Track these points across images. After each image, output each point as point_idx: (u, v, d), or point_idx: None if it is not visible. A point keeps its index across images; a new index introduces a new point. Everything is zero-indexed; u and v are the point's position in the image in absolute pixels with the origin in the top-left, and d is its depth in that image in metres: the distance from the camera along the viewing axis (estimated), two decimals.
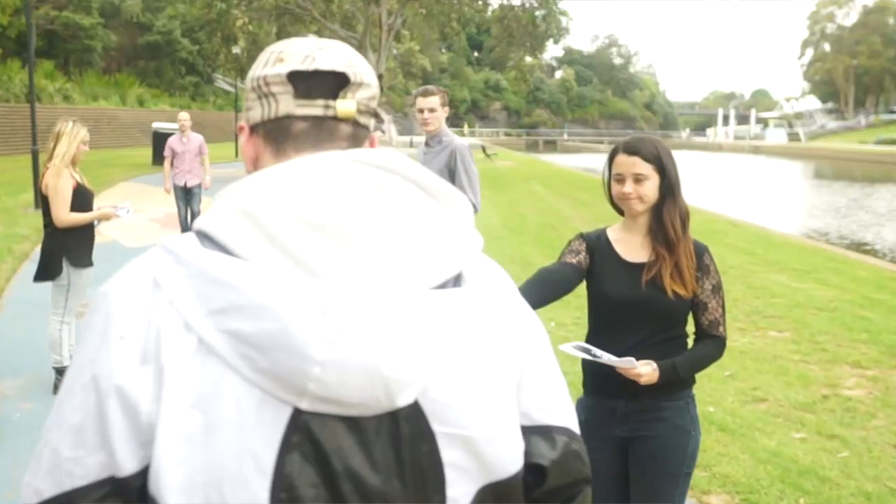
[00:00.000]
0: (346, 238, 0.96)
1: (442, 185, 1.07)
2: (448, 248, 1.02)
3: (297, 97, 1.10)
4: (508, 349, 1.09)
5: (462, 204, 1.09)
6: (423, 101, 5.27)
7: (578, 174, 37.78)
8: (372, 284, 0.94)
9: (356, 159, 1.03)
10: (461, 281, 1.05)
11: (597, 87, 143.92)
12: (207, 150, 12.58)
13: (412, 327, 0.94)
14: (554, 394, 1.16)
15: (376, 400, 0.93)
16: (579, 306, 8.84)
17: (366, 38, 26.57)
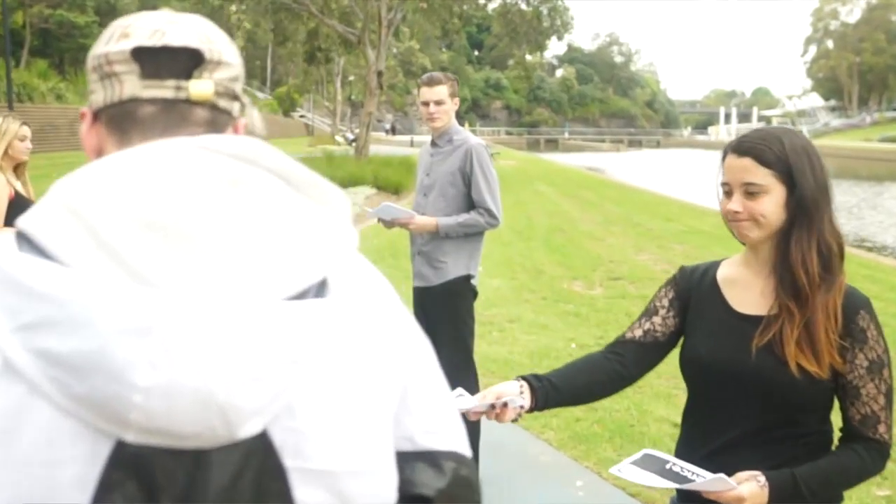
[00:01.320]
0: (187, 240, 0.83)
1: (313, 179, 0.94)
2: (311, 250, 0.89)
3: (144, 77, 0.96)
4: (382, 367, 0.95)
5: (337, 199, 0.96)
6: (428, 91, 4.40)
7: (583, 173, 37.04)
8: (210, 296, 0.81)
9: (207, 147, 0.90)
10: (325, 289, 0.91)
11: (598, 85, 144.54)
12: None
13: (256, 346, 0.81)
14: (441, 415, 1.04)
15: (212, 431, 0.80)
16: (601, 322, 8.07)
17: (365, 34, 25.70)
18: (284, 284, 0.86)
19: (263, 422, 0.84)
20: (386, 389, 0.96)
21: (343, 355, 0.91)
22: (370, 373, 0.94)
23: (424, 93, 4.41)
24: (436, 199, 4.44)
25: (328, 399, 0.89)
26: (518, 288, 9.77)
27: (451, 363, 4.46)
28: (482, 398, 2.01)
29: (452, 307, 4.48)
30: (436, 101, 4.37)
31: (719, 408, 2.01)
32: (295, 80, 64.94)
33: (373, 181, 20.85)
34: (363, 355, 0.94)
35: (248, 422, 0.82)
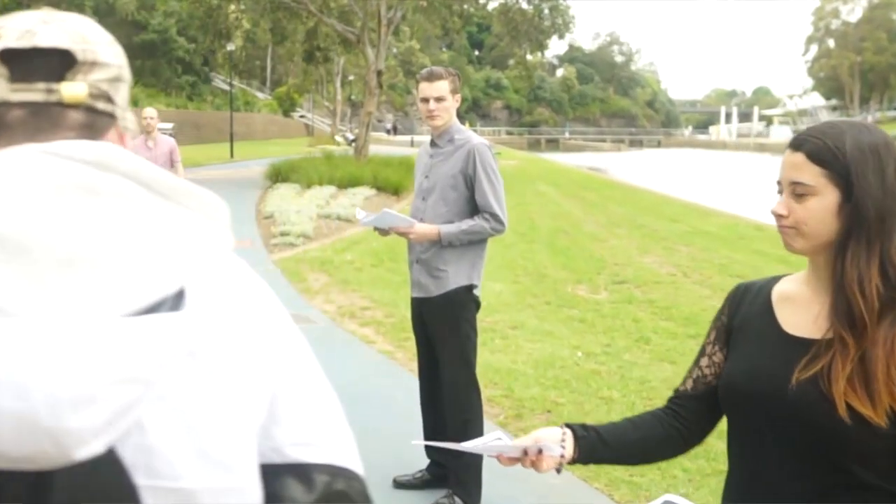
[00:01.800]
0: (27, 254, 0.80)
1: (177, 183, 0.90)
2: (167, 260, 0.85)
3: (13, 81, 0.92)
4: (244, 378, 0.91)
5: (206, 202, 0.92)
6: (427, 87, 4.07)
7: (585, 174, 36.75)
8: (39, 315, 0.78)
9: (56, 153, 0.85)
10: (181, 301, 0.87)
11: (598, 85, 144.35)
12: (180, 157, 9.80)
13: (87, 366, 0.77)
14: (316, 426, 0.99)
15: (45, 454, 0.77)
16: (608, 329, 7.78)
17: (364, 33, 25.39)
18: (131, 298, 0.82)
19: (106, 442, 0.80)
20: (249, 401, 0.92)
21: (198, 369, 0.87)
22: (230, 385, 0.90)
23: (424, 88, 4.10)
24: (436, 204, 4.12)
25: (183, 415, 0.85)
26: (521, 292, 9.48)
27: (453, 381, 4.18)
28: (518, 443, 1.76)
29: (453, 320, 4.15)
30: (436, 97, 4.07)
31: (758, 445, 1.70)
32: (294, 80, 64.66)
33: (372, 182, 20.54)
34: (221, 367, 0.89)
35: (87, 443, 0.78)
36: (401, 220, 4.14)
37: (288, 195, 18.36)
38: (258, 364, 0.94)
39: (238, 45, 36.42)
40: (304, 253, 11.99)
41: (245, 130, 57.68)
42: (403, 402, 5.55)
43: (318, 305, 8.62)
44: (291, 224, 13.80)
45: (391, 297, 8.91)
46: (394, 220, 4.15)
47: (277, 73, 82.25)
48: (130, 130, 1.03)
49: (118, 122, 1.00)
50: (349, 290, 9.36)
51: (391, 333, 7.46)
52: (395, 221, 4.15)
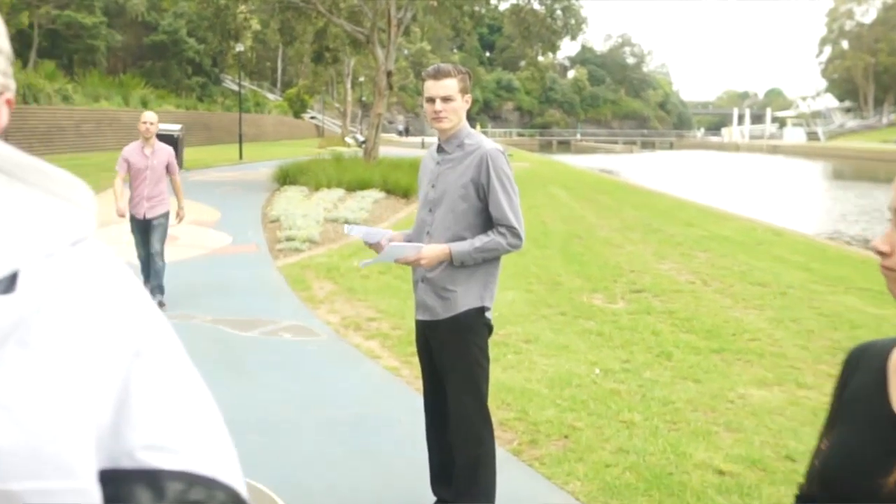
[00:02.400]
0: None
1: (27, 161, 0.85)
2: (1, 241, 0.80)
3: None
4: (86, 372, 0.83)
5: (63, 183, 0.87)
6: (433, 85, 3.66)
7: (598, 176, 36.32)
8: None
9: None
10: (13, 286, 0.80)
11: (610, 86, 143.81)
12: (178, 169, 9.02)
13: None
14: (176, 428, 0.88)
15: None
16: (626, 343, 7.36)
17: (374, 33, 25.01)
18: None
19: None
20: (87, 397, 0.82)
21: (29, 360, 0.79)
22: (62, 379, 0.81)
23: (429, 87, 3.70)
24: (444, 216, 3.72)
25: (9, 410, 0.78)
26: (535, 302, 9.06)
27: (462, 414, 3.78)
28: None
29: (463, 346, 3.73)
30: (443, 96, 3.66)
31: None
32: (305, 82, 64.46)
33: (381, 184, 20.14)
34: (57, 359, 0.81)
35: None
36: (408, 250, 3.70)
37: (295, 198, 17.99)
38: (104, 356, 0.84)
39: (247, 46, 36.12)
40: (309, 259, 11.60)
41: (255, 132, 57.45)
42: (408, 424, 5.16)
43: (321, 316, 8.23)
44: (297, 228, 13.43)
45: (398, 307, 8.52)
46: (400, 252, 3.71)
47: (288, 74, 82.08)
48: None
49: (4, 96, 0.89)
50: (355, 299, 8.97)
51: (397, 347, 7.07)
52: (402, 252, 3.70)
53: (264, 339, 7.35)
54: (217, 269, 10.83)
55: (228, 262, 11.35)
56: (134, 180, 8.57)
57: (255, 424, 5.26)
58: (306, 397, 5.87)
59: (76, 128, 38.80)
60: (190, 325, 7.73)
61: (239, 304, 8.72)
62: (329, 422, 5.41)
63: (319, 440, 5.13)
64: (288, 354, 6.89)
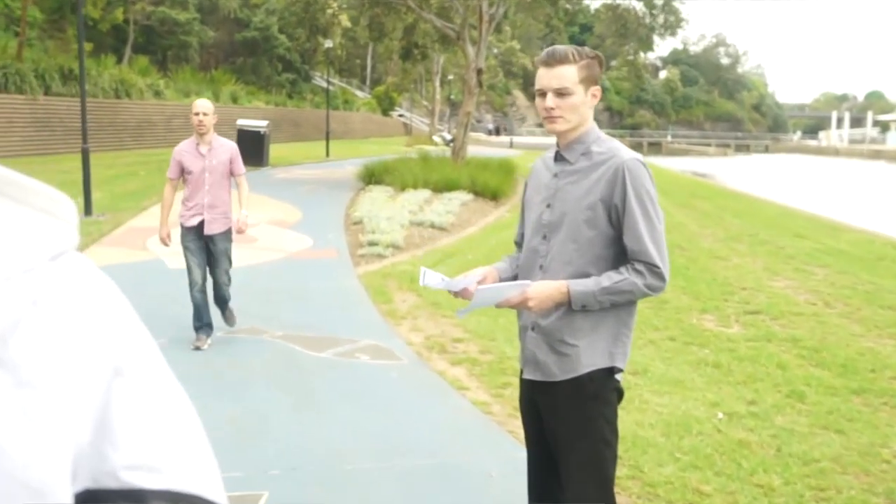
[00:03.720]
0: None
1: (12, 176, 0.80)
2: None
3: None
4: (61, 394, 0.80)
5: (49, 199, 0.82)
6: (545, 74, 2.83)
7: (695, 180, 34.94)
8: None
9: None
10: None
11: (703, 87, 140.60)
12: (244, 169, 7.22)
13: None
14: (159, 446, 0.86)
15: None
16: (749, 378, 6.37)
17: (464, 29, 24.20)
18: None
19: None
20: (65, 417, 0.80)
21: (5, 383, 0.76)
22: (39, 400, 0.78)
23: (541, 76, 2.83)
24: (562, 246, 2.85)
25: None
26: (639, 323, 8.11)
27: (581, 496, 2.93)
28: None
29: (585, 418, 2.85)
30: (557, 88, 2.80)
31: None
32: (393, 79, 64.23)
33: (469, 186, 19.33)
34: (31, 380, 0.77)
35: None
36: (509, 291, 2.83)
37: (379, 199, 17.31)
38: (83, 375, 0.81)
39: (336, 43, 35.78)
40: (392, 266, 10.85)
41: (343, 129, 57.39)
42: (502, 481, 4.36)
43: (403, 334, 7.46)
44: (381, 232, 12.70)
45: (488, 326, 7.70)
46: (498, 294, 2.85)
47: (377, 71, 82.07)
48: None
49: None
50: (440, 315, 8.17)
51: (487, 377, 6.24)
52: (501, 295, 2.85)
53: (339, 361, 6.60)
54: (294, 276, 10.17)
55: (307, 269, 10.67)
56: (189, 186, 6.97)
57: (323, 473, 4.50)
58: (384, 439, 5.07)
59: (166, 123, 39.07)
60: (259, 342, 7.05)
61: (314, 317, 8.00)
62: (409, 473, 4.60)
63: (396, 497, 4.34)
64: (364, 382, 6.13)
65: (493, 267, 3.12)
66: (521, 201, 3.19)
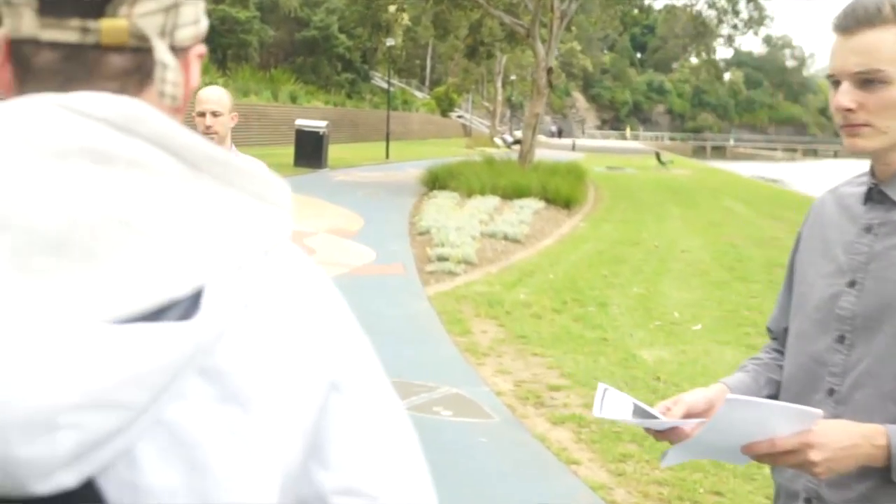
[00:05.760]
0: (7, 233, 0.65)
1: (219, 154, 0.74)
2: (186, 252, 0.69)
3: (42, 14, 0.74)
4: (276, 410, 0.74)
5: (256, 179, 0.76)
6: (843, 46, 1.57)
7: (773, 187, 33.19)
8: (11, 310, 0.63)
9: (72, 108, 0.69)
10: (196, 306, 0.69)
11: (767, 90, 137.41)
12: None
13: (55, 384, 0.62)
14: (373, 471, 0.81)
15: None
16: None
17: (535, 26, 22.93)
18: (130, 298, 0.66)
19: (80, 475, 0.65)
20: (276, 437, 0.74)
21: (211, 395, 0.70)
22: (249, 417, 0.72)
23: (838, 51, 1.60)
24: (881, 361, 1.55)
25: (187, 451, 0.70)
26: None
27: None
28: None
29: None
30: (861, 71, 1.58)
31: None
32: (454, 80, 63.22)
33: (540, 192, 18.06)
34: (242, 395, 0.72)
35: (48, 476, 0.64)
36: (773, 423, 1.50)
37: (446, 206, 16.09)
38: (298, 391, 0.76)
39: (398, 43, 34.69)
40: (465, 286, 9.63)
41: (402, 130, 56.49)
42: None
43: (488, 378, 6.24)
44: (451, 245, 11.47)
45: (588, 366, 6.48)
46: (749, 430, 1.52)
47: (437, 72, 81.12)
48: (167, 84, 0.76)
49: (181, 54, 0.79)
50: (528, 352, 6.94)
51: (600, 444, 5.00)
52: (758, 429, 1.51)
53: (415, 416, 5.41)
54: (357, 297, 8.94)
55: (371, 288, 9.48)
56: None
57: None
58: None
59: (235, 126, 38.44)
60: None
61: (382, 353, 6.77)
62: None
63: None
64: (446, 448, 4.88)
65: (720, 385, 1.85)
66: (789, 262, 1.94)
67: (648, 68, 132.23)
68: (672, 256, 12.55)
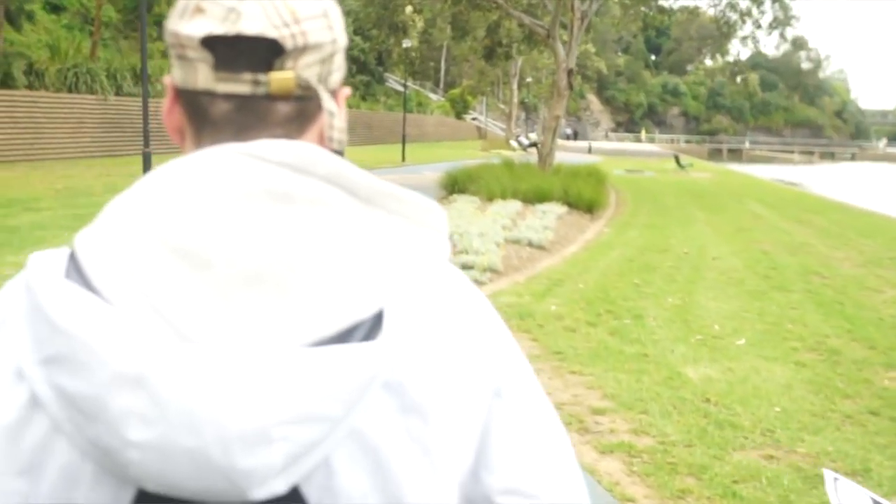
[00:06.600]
0: (210, 269, 0.74)
1: (383, 187, 0.81)
2: (366, 278, 0.77)
3: (218, 69, 0.82)
4: (451, 418, 0.81)
5: (417, 207, 0.83)
6: None
7: (794, 190, 32.67)
8: (219, 339, 0.72)
9: (253, 154, 0.78)
10: (378, 327, 0.77)
11: (783, 93, 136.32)
12: None
13: (266, 402, 0.71)
14: (535, 472, 0.86)
15: (219, 492, 0.72)
16: None
17: (555, 27, 22.47)
18: (321, 323, 0.74)
19: (288, 482, 0.73)
20: (452, 443, 0.81)
21: (395, 406, 0.78)
22: (432, 425, 0.80)
23: None
24: None
25: (376, 457, 0.77)
26: (818, 386, 6.40)
27: None
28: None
29: None
30: None
31: None
32: (469, 82, 62.85)
33: (562, 196, 17.66)
34: (423, 405, 0.79)
35: (263, 483, 0.72)
36: None
37: (467, 211, 15.67)
38: (468, 398, 0.82)
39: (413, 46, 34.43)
40: (493, 296, 9.19)
41: (417, 132, 56.14)
42: None
43: None
44: (475, 252, 11.06)
45: (631, 386, 6.07)
46: None
47: (451, 74, 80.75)
48: (331, 117, 0.85)
49: (329, 108, 0.86)
50: (566, 369, 6.53)
51: (654, 476, 4.58)
52: None
53: None
54: None
55: None
56: None
57: None
58: None
59: None
60: None
61: None
62: None
63: None
64: None
65: None
66: None
67: (663, 70, 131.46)
68: (704, 264, 12.10)
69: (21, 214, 13.74)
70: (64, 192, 17.19)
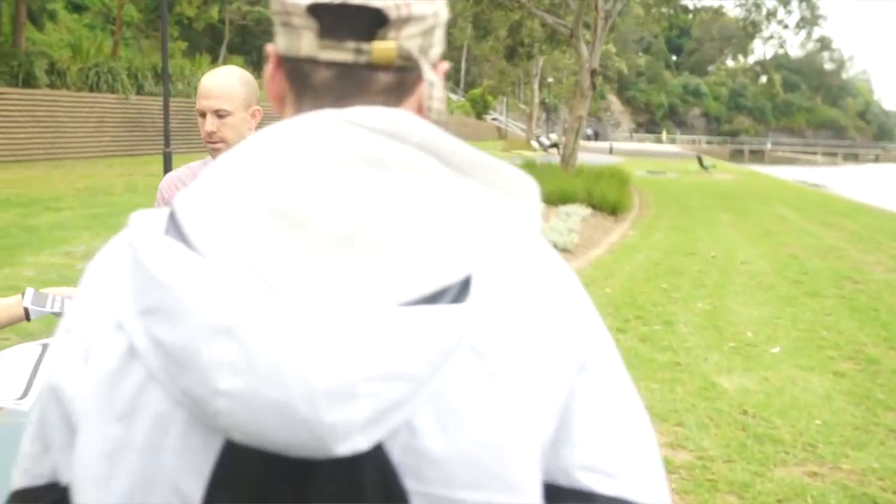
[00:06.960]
0: (304, 229, 0.76)
1: (476, 156, 0.82)
2: (456, 243, 0.78)
3: (322, 37, 0.85)
4: (536, 385, 0.81)
5: (508, 178, 0.84)
6: None
7: (819, 192, 32.26)
8: (311, 296, 0.74)
9: (350, 121, 0.80)
10: (466, 291, 0.78)
11: (805, 93, 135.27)
12: None
13: (352, 359, 0.72)
14: (615, 450, 0.85)
15: (303, 445, 0.73)
16: None
17: (578, 27, 22.25)
18: (410, 285, 0.75)
19: (371, 439, 0.74)
20: (537, 412, 0.81)
21: (481, 370, 0.78)
22: (517, 391, 0.80)
23: None
24: None
25: (461, 420, 0.77)
26: (858, 398, 6.17)
27: None
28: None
29: None
30: None
31: None
32: (490, 82, 62.62)
33: (586, 198, 17.43)
34: (508, 370, 0.80)
35: (347, 439, 0.73)
36: None
37: None
38: (552, 369, 0.83)
39: None
40: None
41: None
42: None
43: None
44: None
45: (665, 397, 5.87)
46: None
47: (472, 74, 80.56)
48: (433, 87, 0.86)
49: (426, 79, 0.87)
50: None
51: (694, 495, 4.37)
52: None
53: None
54: None
55: None
56: None
57: None
58: None
59: (260, 124, 38.18)
60: None
61: None
62: None
63: None
64: None
65: None
66: None
67: (684, 71, 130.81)
68: (732, 268, 11.86)
69: (41, 214, 13.66)
70: (84, 191, 17.13)
